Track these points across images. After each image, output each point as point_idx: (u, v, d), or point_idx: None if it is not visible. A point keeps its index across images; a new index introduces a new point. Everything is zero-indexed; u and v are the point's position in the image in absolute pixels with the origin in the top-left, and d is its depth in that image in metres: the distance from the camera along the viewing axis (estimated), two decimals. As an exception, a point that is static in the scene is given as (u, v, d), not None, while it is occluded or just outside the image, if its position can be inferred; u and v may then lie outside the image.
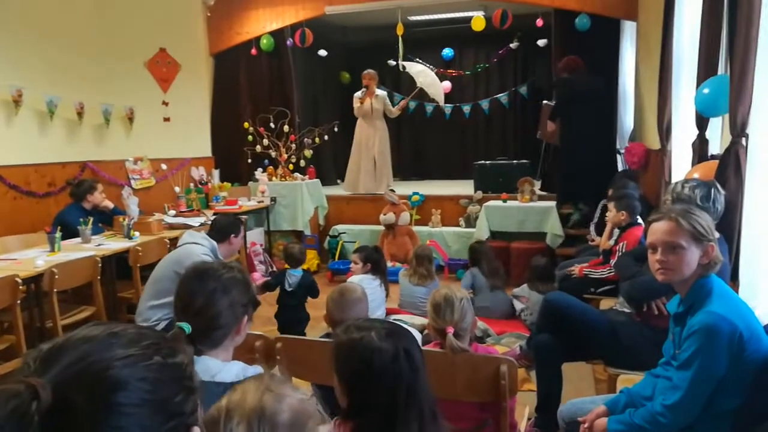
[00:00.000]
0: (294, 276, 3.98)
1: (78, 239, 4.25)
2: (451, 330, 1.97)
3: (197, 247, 3.29)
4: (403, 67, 7.29)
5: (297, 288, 3.95)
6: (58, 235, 3.93)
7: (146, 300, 3.28)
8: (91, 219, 4.35)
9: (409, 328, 1.66)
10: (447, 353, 2.00)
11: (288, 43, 7.00)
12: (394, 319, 3.55)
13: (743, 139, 2.52)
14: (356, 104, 6.83)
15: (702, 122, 3.34)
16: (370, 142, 6.88)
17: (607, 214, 4.08)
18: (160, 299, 3.18)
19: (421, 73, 7.17)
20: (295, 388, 1.03)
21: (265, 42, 6.94)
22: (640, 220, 3.67)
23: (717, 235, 1.88)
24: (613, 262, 3.58)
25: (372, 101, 6.77)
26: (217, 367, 1.53)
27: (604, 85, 5.88)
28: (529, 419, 2.71)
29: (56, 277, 3.36)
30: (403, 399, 1.33)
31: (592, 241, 4.79)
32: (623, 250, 3.45)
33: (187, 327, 1.52)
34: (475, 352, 2.10)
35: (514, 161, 6.85)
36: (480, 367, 2.01)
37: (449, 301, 2.03)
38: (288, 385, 1.04)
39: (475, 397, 2.04)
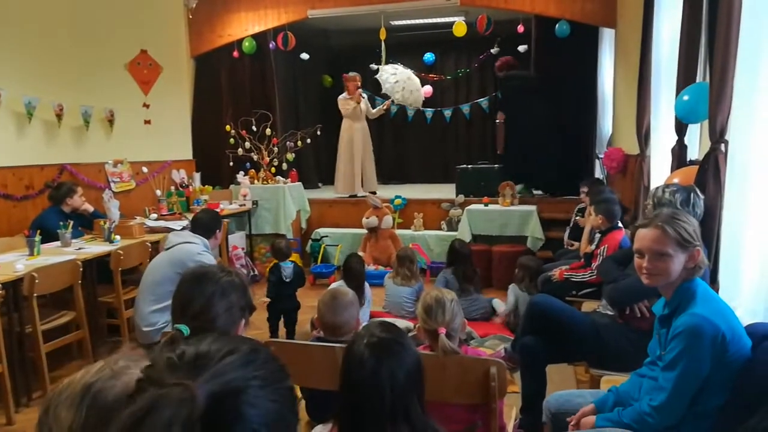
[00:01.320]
0: (287, 268, 4.32)
1: (57, 243, 4.18)
2: (443, 330, 1.98)
3: (193, 246, 3.27)
4: (376, 71, 7.33)
5: (293, 278, 4.31)
6: (37, 238, 3.85)
7: (148, 304, 3.23)
8: (71, 222, 4.28)
9: None
10: (437, 355, 2.01)
11: (270, 46, 6.99)
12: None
13: (722, 145, 2.58)
14: (348, 105, 6.87)
15: (681, 128, 3.42)
16: (359, 143, 6.94)
17: (579, 218, 4.17)
18: (163, 302, 3.15)
19: (396, 84, 7.22)
20: None
21: (247, 45, 6.91)
22: (620, 224, 3.75)
23: None
24: (594, 265, 3.65)
25: (360, 103, 6.88)
26: None
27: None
28: (514, 420, 2.74)
29: (36, 281, 3.30)
30: (371, 405, 1.35)
31: (571, 245, 4.88)
32: (604, 254, 3.52)
33: (185, 329, 1.52)
34: (465, 354, 2.13)
35: (496, 165, 6.92)
36: (469, 369, 2.02)
37: (440, 302, 2.05)
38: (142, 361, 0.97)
39: (465, 399, 2.05)
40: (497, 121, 7.02)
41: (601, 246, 3.65)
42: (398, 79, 7.20)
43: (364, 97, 6.99)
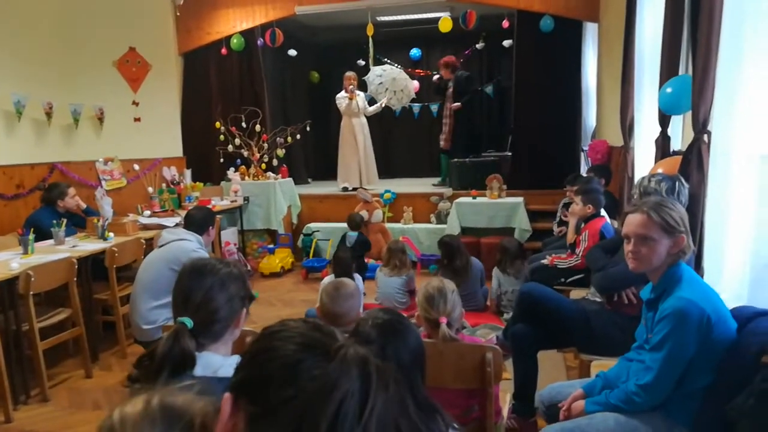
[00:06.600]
0: (351, 237, 5.57)
1: (51, 241, 4.18)
2: (444, 320, 2.05)
3: (187, 243, 3.29)
4: (365, 67, 7.43)
5: (355, 244, 5.48)
6: (31, 237, 3.85)
7: (146, 302, 3.24)
8: (65, 221, 4.29)
9: None
10: (435, 343, 2.08)
11: (258, 42, 7.00)
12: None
13: (705, 135, 2.65)
14: (343, 102, 6.99)
15: (664, 120, 3.49)
16: (360, 138, 7.08)
17: (572, 208, 4.25)
18: (162, 299, 3.17)
19: (380, 86, 7.30)
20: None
21: (235, 42, 6.92)
22: (603, 213, 3.84)
23: None
24: (578, 251, 3.74)
25: (357, 100, 6.98)
26: (218, 362, 1.54)
27: None
28: (509, 405, 2.81)
29: (32, 279, 3.31)
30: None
31: (561, 233, 4.99)
32: (586, 240, 3.64)
33: (189, 321, 1.55)
34: (462, 340, 2.19)
35: (490, 158, 7.04)
36: (466, 355, 2.09)
37: (442, 293, 2.10)
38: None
39: (462, 384, 2.12)
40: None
41: (582, 232, 3.75)
42: (382, 81, 7.28)
43: (359, 95, 7.06)
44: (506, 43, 7.63)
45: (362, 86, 7.32)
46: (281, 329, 0.81)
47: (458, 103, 7.18)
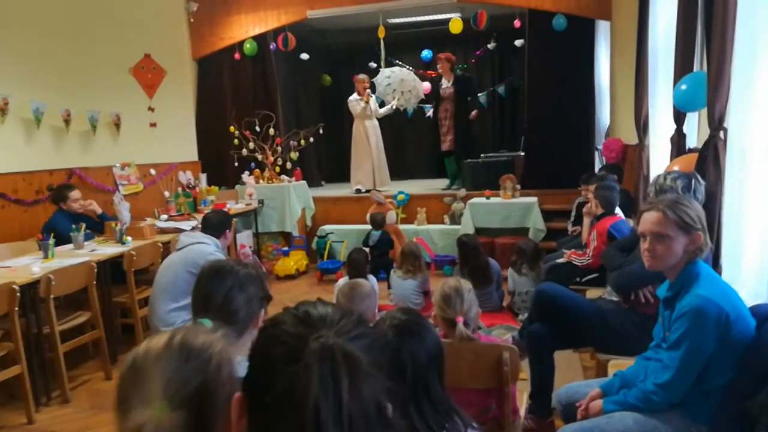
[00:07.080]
0: (375, 235, 5.84)
1: (70, 246, 4.23)
2: (461, 319, 2.05)
3: (205, 246, 3.32)
4: (376, 69, 7.44)
5: (378, 243, 5.77)
6: (51, 241, 3.91)
7: (165, 304, 3.26)
8: (84, 225, 4.34)
9: None
10: (452, 342, 2.08)
11: (271, 47, 7.06)
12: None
13: (721, 132, 2.63)
14: (358, 105, 7.03)
15: (679, 117, 3.47)
16: (373, 140, 7.13)
17: (586, 206, 4.24)
18: (180, 302, 3.20)
19: (388, 87, 7.32)
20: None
21: (248, 46, 6.98)
22: (618, 211, 3.81)
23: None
24: (587, 250, 3.72)
25: (370, 102, 7.04)
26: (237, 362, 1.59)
27: None
28: (525, 405, 2.81)
29: (53, 283, 3.37)
30: (393, 385, 1.39)
31: (574, 232, 4.98)
32: (595, 239, 3.63)
33: (208, 323, 1.58)
34: (479, 340, 2.20)
35: (503, 158, 7.03)
36: (483, 355, 2.09)
37: (459, 292, 2.11)
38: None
39: (479, 383, 2.12)
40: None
41: (591, 231, 3.74)
42: (390, 82, 7.29)
43: (372, 96, 7.11)
44: (518, 42, 7.62)
45: (371, 88, 7.34)
46: (271, 325, 0.78)
47: (476, 111, 7.09)
